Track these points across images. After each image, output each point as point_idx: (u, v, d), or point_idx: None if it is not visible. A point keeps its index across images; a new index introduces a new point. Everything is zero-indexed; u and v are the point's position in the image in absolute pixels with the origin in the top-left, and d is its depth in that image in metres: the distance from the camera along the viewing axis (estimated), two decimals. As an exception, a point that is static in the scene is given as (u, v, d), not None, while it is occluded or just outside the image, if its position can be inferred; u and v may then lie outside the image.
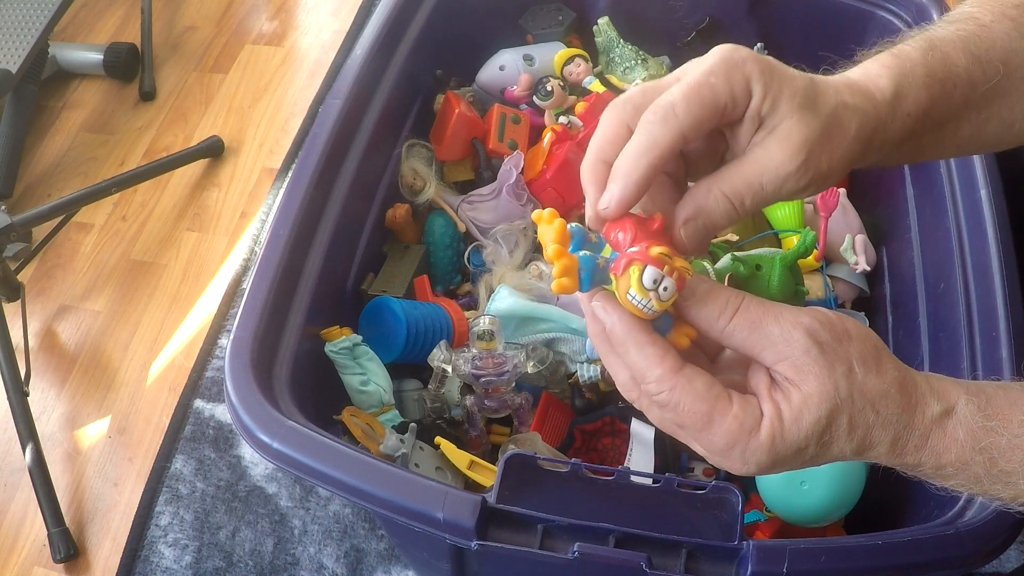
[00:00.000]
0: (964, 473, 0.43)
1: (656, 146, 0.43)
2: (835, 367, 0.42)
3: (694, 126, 0.43)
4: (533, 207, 1.00)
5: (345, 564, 1.05)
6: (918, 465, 0.44)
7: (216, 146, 1.49)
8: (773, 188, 0.44)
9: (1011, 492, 0.44)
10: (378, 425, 0.79)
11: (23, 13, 1.40)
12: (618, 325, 0.43)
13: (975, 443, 0.43)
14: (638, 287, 0.41)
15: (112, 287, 1.36)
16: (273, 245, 0.76)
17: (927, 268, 0.85)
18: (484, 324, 0.84)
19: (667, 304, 0.42)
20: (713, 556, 0.57)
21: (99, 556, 1.10)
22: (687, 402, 0.42)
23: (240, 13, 1.74)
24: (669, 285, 0.41)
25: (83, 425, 1.22)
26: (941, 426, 0.43)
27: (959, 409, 0.43)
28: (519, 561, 0.63)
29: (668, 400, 0.42)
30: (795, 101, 0.44)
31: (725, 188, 0.45)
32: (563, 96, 1.04)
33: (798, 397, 0.42)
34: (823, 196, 0.92)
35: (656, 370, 0.42)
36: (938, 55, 0.49)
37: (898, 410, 0.43)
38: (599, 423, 0.86)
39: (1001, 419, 0.43)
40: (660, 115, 0.43)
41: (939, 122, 0.50)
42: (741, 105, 0.44)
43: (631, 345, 0.43)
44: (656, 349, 0.42)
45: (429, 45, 1.02)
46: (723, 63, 0.43)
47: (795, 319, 0.42)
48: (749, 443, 0.42)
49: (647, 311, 0.41)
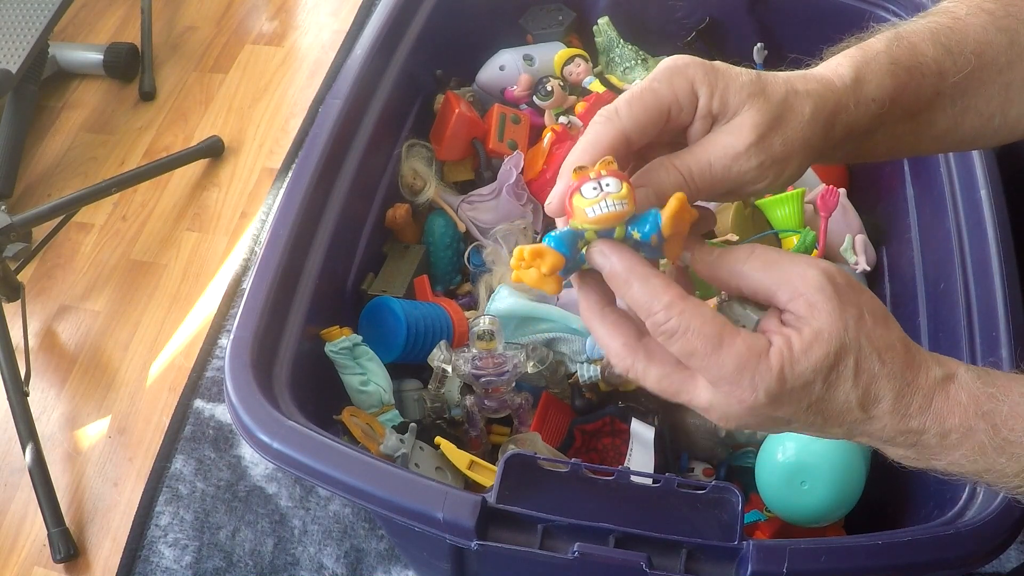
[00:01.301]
0: (969, 441, 0.43)
1: (598, 145, 0.45)
2: (847, 309, 0.43)
3: (636, 127, 0.46)
4: (533, 207, 1.00)
5: (345, 564, 1.05)
6: (923, 431, 0.44)
7: (216, 146, 1.49)
8: (721, 168, 0.46)
9: (1015, 466, 0.43)
10: (378, 425, 0.79)
11: (23, 13, 1.40)
12: (618, 263, 0.43)
13: (977, 407, 0.43)
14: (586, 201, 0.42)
15: (112, 287, 1.36)
16: (273, 245, 0.76)
17: (927, 268, 0.85)
18: (484, 324, 0.84)
19: (625, 193, 0.42)
20: (713, 556, 0.57)
21: (99, 556, 1.10)
22: (696, 324, 0.42)
23: (240, 13, 1.74)
24: (609, 180, 0.42)
25: (83, 425, 1.22)
26: (944, 389, 0.44)
27: (960, 375, 0.44)
28: (519, 561, 0.63)
29: (678, 325, 0.42)
30: (744, 93, 0.46)
31: (675, 162, 0.47)
32: (563, 96, 1.04)
33: (809, 331, 0.42)
34: (823, 196, 0.92)
35: (664, 297, 0.43)
36: (904, 44, 0.50)
37: (902, 366, 0.43)
38: (599, 423, 0.86)
39: (1001, 388, 0.44)
40: (604, 116, 0.46)
41: (910, 111, 0.51)
42: (688, 107, 0.46)
43: (635, 280, 0.43)
44: (660, 280, 0.43)
45: (429, 45, 1.02)
46: (666, 70, 0.46)
47: (811, 261, 0.44)
48: (759, 366, 0.42)
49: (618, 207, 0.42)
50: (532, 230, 0.99)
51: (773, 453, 0.79)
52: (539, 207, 1.00)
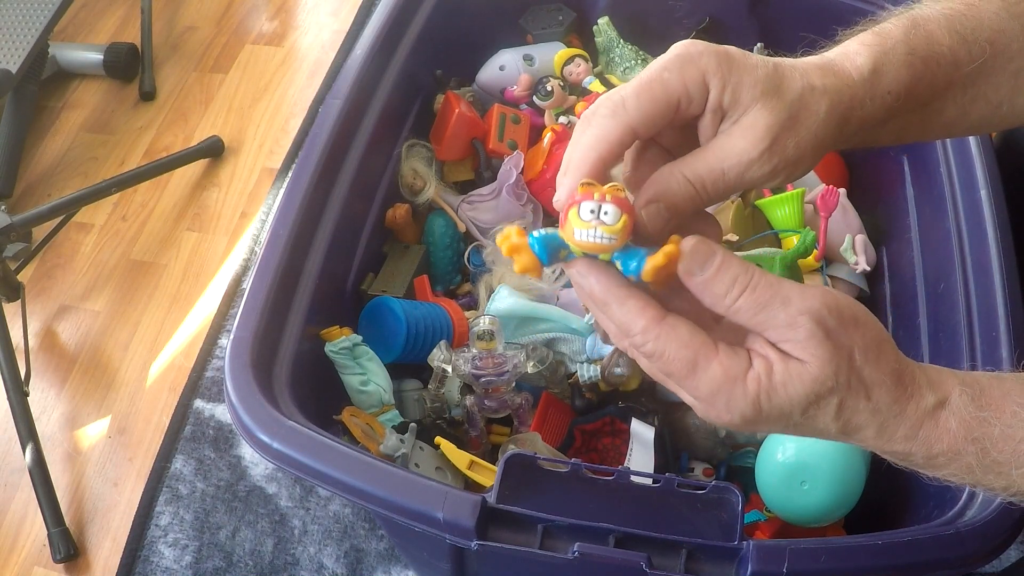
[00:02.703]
0: (956, 463, 0.43)
1: (604, 140, 0.44)
2: (838, 352, 0.42)
3: (644, 120, 0.44)
4: (533, 207, 1.00)
5: (345, 564, 1.05)
6: (908, 454, 0.44)
7: (216, 146, 1.49)
8: (735, 174, 0.45)
9: (1003, 482, 0.44)
10: (378, 425, 0.79)
11: (23, 13, 1.40)
12: (595, 285, 0.43)
13: (968, 433, 0.43)
14: (580, 223, 0.41)
15: (112, 287, 1.36)
16: (273, 245, 0.76)
17: (927, 268, 0.85)
18: (484, 324, 0.84)
19: (618, 229, 0.41)
20: (713, 556, 0.57)
21: (99, 556, 1.10)
22: (671, 349, 0.42)
23: (240, 13, 1.74)
24: (609, 208, 0.41)
25: (83, 425, 1.22)
26: (933, 417, 0.43)
27: (953, 400, 0.43)
28: (519, 561, 0.63)
29: (654, 349, 0.42)
30: (757, 89, 0.44)
31: (687, 172, 0.45)
32: (563, 96, 1.05)
33: (795, 368, 0.42)
34: (823, 196, 0.92)
35: (639, 321, 0.42)
36: (921, 33, 0.48)
37: (890, 400, 0.43)
38: (599, 423, 0.86)
39: (994, 410, 0.43)
40: (610, 109, 0.44)
41: (923, 101, 0.49)
42: (698, 99, 0.44)
43: (612, 301, 0.43)
44: (637, 301, 0.43)
45: (429, 45, 1.02)
46: (678, 59, 0.44)
47: (803, 304, 0.42)
48: (734, 391, 0.42)
49: (604, 241, 0.41)
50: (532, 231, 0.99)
51: (773, 453, 0.79)
52: (539, 207, 1.01)
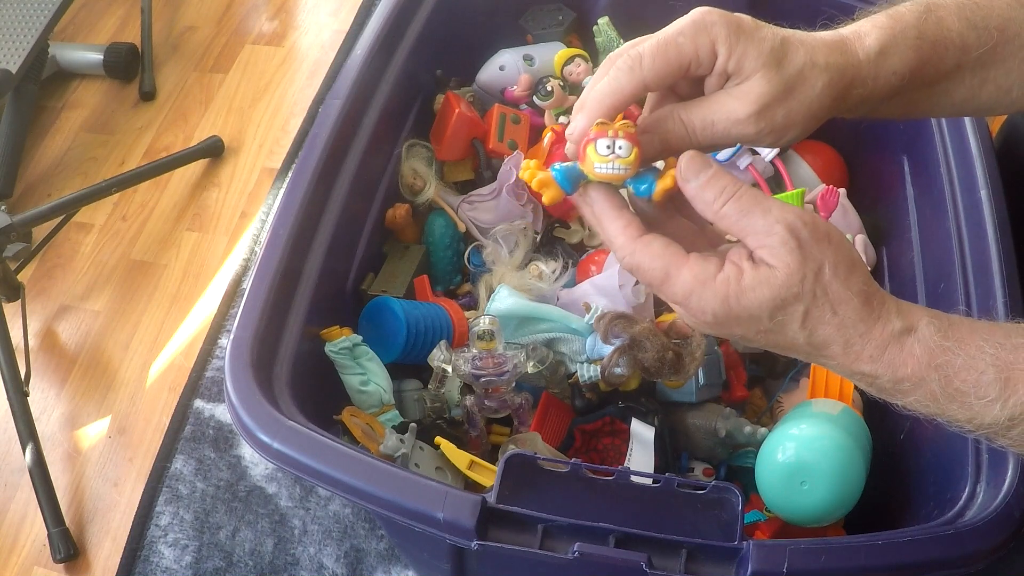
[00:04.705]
0: (920, 390, 0.46)
1: (619, 92, 0.49)
2: (807, 262, 0.45)
3: (656, 78, 0.49)
4: (533, 207, 1.00)
5: (345, 564, 1.05)
6: (875, 376, 0.47)
7: (216, 146, 1.49)
8: (722, 128, 0.50)
9: (966, 413, 0.46)
10: (378, 425, 0.79)
11: (23, 13, 1.40)
12: (595, 204, 0.50)
13: (931, 360, 0.46)
14: (598, 157, 0.48)
15: (112, 287, 1.36)
16: (273, 245, 0.76)
17: (927, 268, 0.85)
18: (484, 324, 0.83)
19: (631, 160, 0.48)
20: (713, 556, 0.57)
21: (99, 556, 1.10)
22: (645, 262, 0.48)
23: (240, 13, 1.74)
24: (622, 144, 0.48)
25: (83, 425, 1.22)
26: (899, 341, 0.46)
27: (920, 328, 0.47)
28: (519, 561, 0.63)
29: (632, 263, 0.48)
30: (759, 61, 0.48)
31: (684, 115, 0.50)
32: (563, 96, 1.04)
33: (764, 272, 0.46)
34: (823, 196, 0.92)
35: (620, 238, 0.48)
36: (933, 19, 0.52)
37: (856, 318, 0.46)
38: (599, 423, 0.86)
39: (959, 341, 0.46)
40: (628, 64, 0.49)
41: (929, 82, 0.53)
42: (707, 63, 0.49)
43: (603, 219, 0.49)
44: (620, 222, 0.49)
45: (429, 45, 1.02)
46: (693, 25, 0.49)
47: (781, 215, 0.46)
48: (704, 292, 0.46)
49: (619, 171, 0.48)
50: (532, 230, 0.99)
51: (773, 453, 0.79)
52: (539, 207, 1.00)
